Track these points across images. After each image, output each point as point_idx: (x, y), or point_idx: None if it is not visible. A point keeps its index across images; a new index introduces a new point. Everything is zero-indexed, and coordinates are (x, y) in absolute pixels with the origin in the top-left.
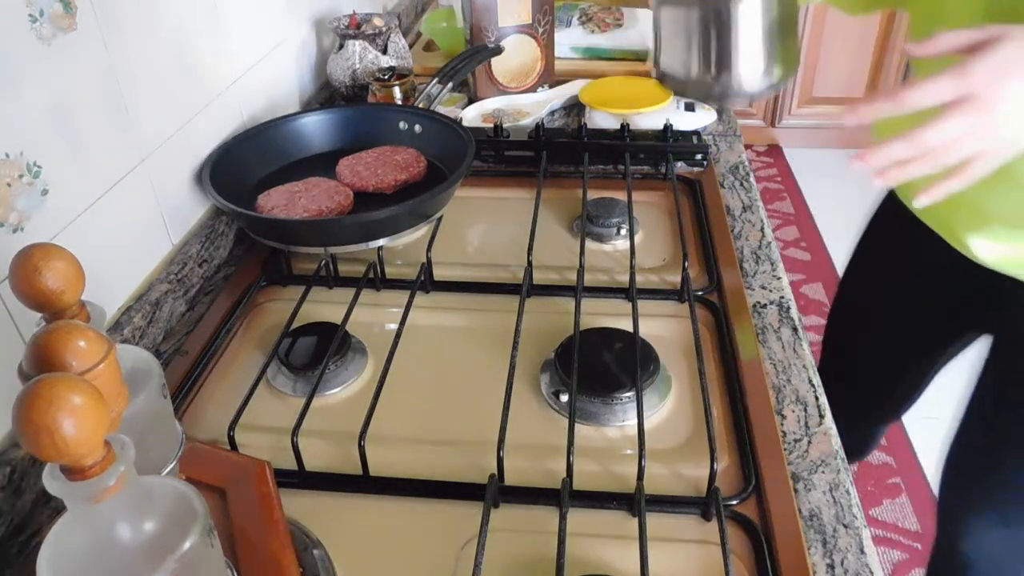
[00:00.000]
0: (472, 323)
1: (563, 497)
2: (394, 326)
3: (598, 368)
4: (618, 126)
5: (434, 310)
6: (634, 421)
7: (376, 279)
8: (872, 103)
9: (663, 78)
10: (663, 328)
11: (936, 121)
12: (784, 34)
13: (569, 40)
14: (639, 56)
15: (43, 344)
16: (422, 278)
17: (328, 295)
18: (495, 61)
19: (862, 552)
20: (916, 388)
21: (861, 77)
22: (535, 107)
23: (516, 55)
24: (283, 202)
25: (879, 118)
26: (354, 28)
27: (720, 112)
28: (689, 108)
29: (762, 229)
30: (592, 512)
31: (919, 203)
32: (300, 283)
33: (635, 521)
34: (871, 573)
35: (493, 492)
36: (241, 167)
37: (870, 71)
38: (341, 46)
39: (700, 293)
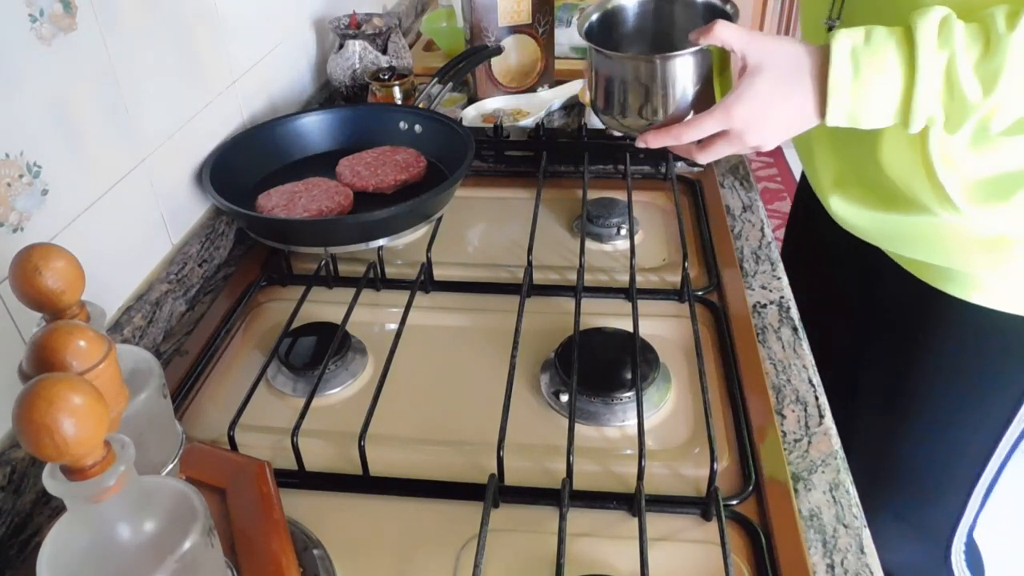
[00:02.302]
0: (472, 323)
1: (563, 497)
2: (394, 326)
3: (598, 368)
4: None
5: (434, 310)
6: (634, 421)
7: (376, 279)
8: (658, 135)
9: (598, 114)
10: (663, 328)
11: (697, 131)
12: (707, 84)
13: (569, 40)
14: None
15: (43, 344)
16: (422, 278)
17: (328, 295)
18: (495, 61)
19: (862, 552)
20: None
21: None
22: (535, 107)
23: (516, 55)
24: (283, 202)
25: (663, 145)
26: (354, 28)
27: None
28: None
29: (762, 229)
30: (592, 512)
31: (639, 142)
32: (300, 283)
33: (635, 521)
34: (871, 573)
35: (493, 492)
36: (241, 167)
37: None
38: (341, 46)
39: (700, 293)
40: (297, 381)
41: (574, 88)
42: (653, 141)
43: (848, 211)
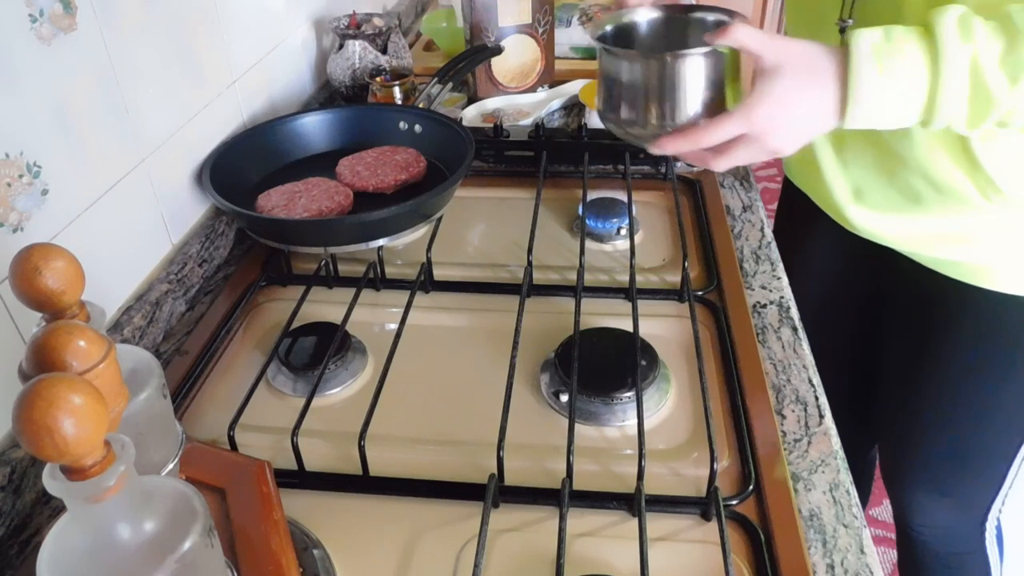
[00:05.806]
0: (472, 323)
1: (563, 497)
2: (394, 326)
3: (598, 368)
4: None
5: (434, 310)
6: (634, 421)
7: (376, 279)
8: (674, 139)
9: (606, 121)
10: (663, 328)
11: (717, 134)
12: (719, 90)
13: (569, 40)
14: None
15: (43, 344)
16: (422, 278)
17: (328, 295)
18: (495, 61)
19: (862, 552)
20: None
21: None
22: (535, 107)
23: (516, 55)
24: (283, 202)
25: (680, 151)
26: (354, 28)
27: None
28: None
29: (762, 229)
30: (592, 512)
31: (654, 148)
32: (300, 283)
33: (635, 521)
34: (871, 573)
35: (493, 492)
36: (241, 167)
37: None
38: (341, 46)
39: (700, 293)
40: (297, 381)
41: (574, 88)
42: (669, 146)
43: (871, 220)
